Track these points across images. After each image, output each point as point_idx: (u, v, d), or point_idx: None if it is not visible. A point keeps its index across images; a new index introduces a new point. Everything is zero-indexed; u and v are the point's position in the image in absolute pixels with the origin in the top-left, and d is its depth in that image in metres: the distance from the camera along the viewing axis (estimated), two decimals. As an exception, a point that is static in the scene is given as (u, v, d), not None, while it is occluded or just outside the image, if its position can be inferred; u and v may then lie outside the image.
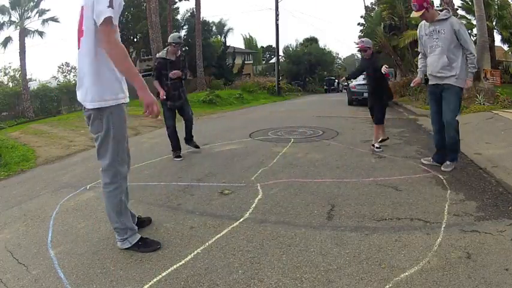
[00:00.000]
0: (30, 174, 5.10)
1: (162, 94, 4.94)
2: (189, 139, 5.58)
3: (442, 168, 3.97)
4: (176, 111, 5.31)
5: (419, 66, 4.44)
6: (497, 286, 1.86)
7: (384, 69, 4.99)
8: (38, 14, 16.72)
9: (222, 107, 15.44)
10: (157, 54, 5.25)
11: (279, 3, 22.20)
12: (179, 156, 5.21)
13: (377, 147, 5.18)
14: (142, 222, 2.84)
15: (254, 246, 2.43)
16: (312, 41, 37.60)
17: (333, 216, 2.88)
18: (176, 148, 5.28)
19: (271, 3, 29.72)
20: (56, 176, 4.75)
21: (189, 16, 27.30)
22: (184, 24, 27.68)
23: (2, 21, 16.28)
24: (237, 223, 2.81)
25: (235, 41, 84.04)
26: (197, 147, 5.64)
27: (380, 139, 5.36)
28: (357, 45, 5.74)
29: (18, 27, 16.24)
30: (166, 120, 5.24)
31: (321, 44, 38.03)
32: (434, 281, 1.93)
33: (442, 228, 2.55)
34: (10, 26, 16.45)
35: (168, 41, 5.10)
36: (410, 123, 8.22)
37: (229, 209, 3.13)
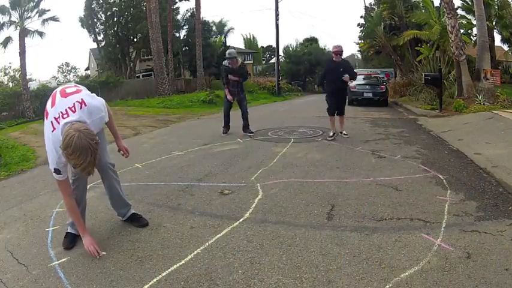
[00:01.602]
0: (30, 174, 5.09)
1: (230, 98, 6.95)
2: (245, 126, 7.06)
3: None
4: (235, 102, 7.05)
5: None
6: (497, 286, 1.86)
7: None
8: (38, 14, 16.71)
9: (222, 107, 15.41)
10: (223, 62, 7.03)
11: (279, 3, 22.18)
12: (224, 132, 7.02)
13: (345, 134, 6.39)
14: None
15: (254, 246, 2.43)
16: (312, 41, 37.54)
17: (333, 216, 2.88)
18: (225, 125, 7.08)
19: (271, 3, 29.69)
20: (56, 176, 4.74)
21: (189, 16, 27.28)
22: (184, 24, 27.66)
23: (2, 21, 16.26)
24: (237, 223, 2.81)
25: (235, 41, 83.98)
26: (251, 132, 6.99)
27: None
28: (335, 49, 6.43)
29: (18, 27, 16.23)
30: (223, 105, 7.26)
31: (321, 44, 37.97)
32: (434, 281, 1.93)
33: (442, 228, 2.55)
34: (10, 26, 16.43)
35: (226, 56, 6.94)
36: (410, 123, 8.22)
37: (229, 209, 3.13)
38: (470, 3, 14.22)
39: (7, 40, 16.58)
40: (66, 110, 2.22)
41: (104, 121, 2.51)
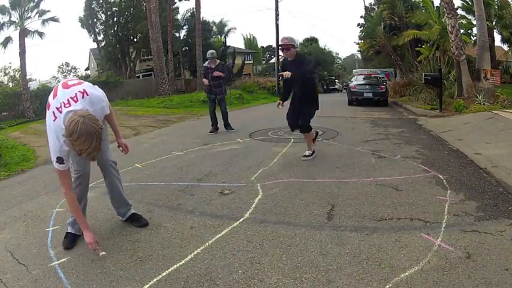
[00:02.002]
0: (30, 174, 5.09)
1: (206, 82, 7.26)
2: (226, 125, 7.54)
3: None
4: (216, 102, 7.46)
5: None
6: (497, 286, 1.86)
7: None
8: (38, 14, 16.71)
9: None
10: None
11: (279, 3, 22.18)
12: (211, 132, 7.31)
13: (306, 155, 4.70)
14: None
15: (254, 246, 2.43)
16: (312, 41, 37.64)
17: (333, 216, 2.88)
18: (213, 125, 7.42)
19: (271, 3, 29.72)
20: (55, 176, 4.72)
21: (189, 16, 27.28)
22: (184, 24, 27.67)
23: (2, 21, 16.27)
24: (237, 223, 2.81)
25: (235, 41, 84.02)
26: (232, 129, 7.44)
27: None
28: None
29: (18, 28, 16.23)
30: (209, 106, 7.67)
31: (321, 44, 38.09)
32: (434, 281, 1.93)
33: (442, 228, 2.55)
34: (10, 26, 16.43)
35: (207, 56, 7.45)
36: (410, 123, 8.22)
37: (229, 209, 3.13)
38: (470, 3, 14.20)
39: (7, 40, 16.59)
40: (68, 100, 2.25)
41: (105, 112, 2.52)
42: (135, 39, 25.29)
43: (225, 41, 31.10)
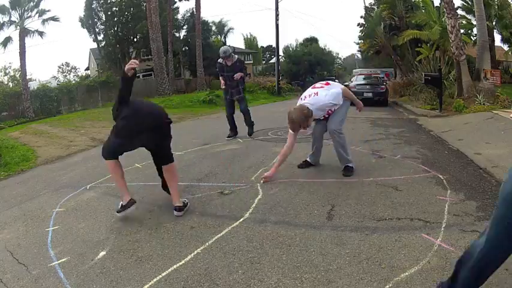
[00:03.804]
0: (30, 174, 5.09)
1: (223, 84, 6.56)
2: (248, 125, 6.88)
3: None
4: (235, 103, 6.74)
5: None
6: (497, 286, 1.86)
7: None
8: (38, 14, 16.74)
9: (222, 107, 15.40)
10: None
11: (279, 3, 22.15)
12: (229, 136, 6.61)
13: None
14: None
15: (254, 246, 2.43)
16: (312, 41, 37.66)
17: (333, 216, 2.88)
18: (231, 129, 6.71)
19: (271, 3, 29.69)
20: (56, 176, 4.75)
21: (189, 16, 27.33)
22: (184, 24, 27.71)
23: (2, 21, 16.29)
24: (237, 223, 2.81)
25: (235, 41, 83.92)
26: (250, 134, 6.77)
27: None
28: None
29: (18, 27, 16.25)
30: (226, 108, 6.83)
31: (321, 44, 38.10)
32: (434, 281, 1.93)
33: (442, 228, 2.55)
34: (10, 26, 16.46)
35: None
36: (410, 123, 8.22)
37: (229, 209, 3.13)
38: (470, 3, 14.22)
39: (7, 40, 16.62)
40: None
41: None
42: (135, 39, 25.33)
43: (225, 41, 31.18)
